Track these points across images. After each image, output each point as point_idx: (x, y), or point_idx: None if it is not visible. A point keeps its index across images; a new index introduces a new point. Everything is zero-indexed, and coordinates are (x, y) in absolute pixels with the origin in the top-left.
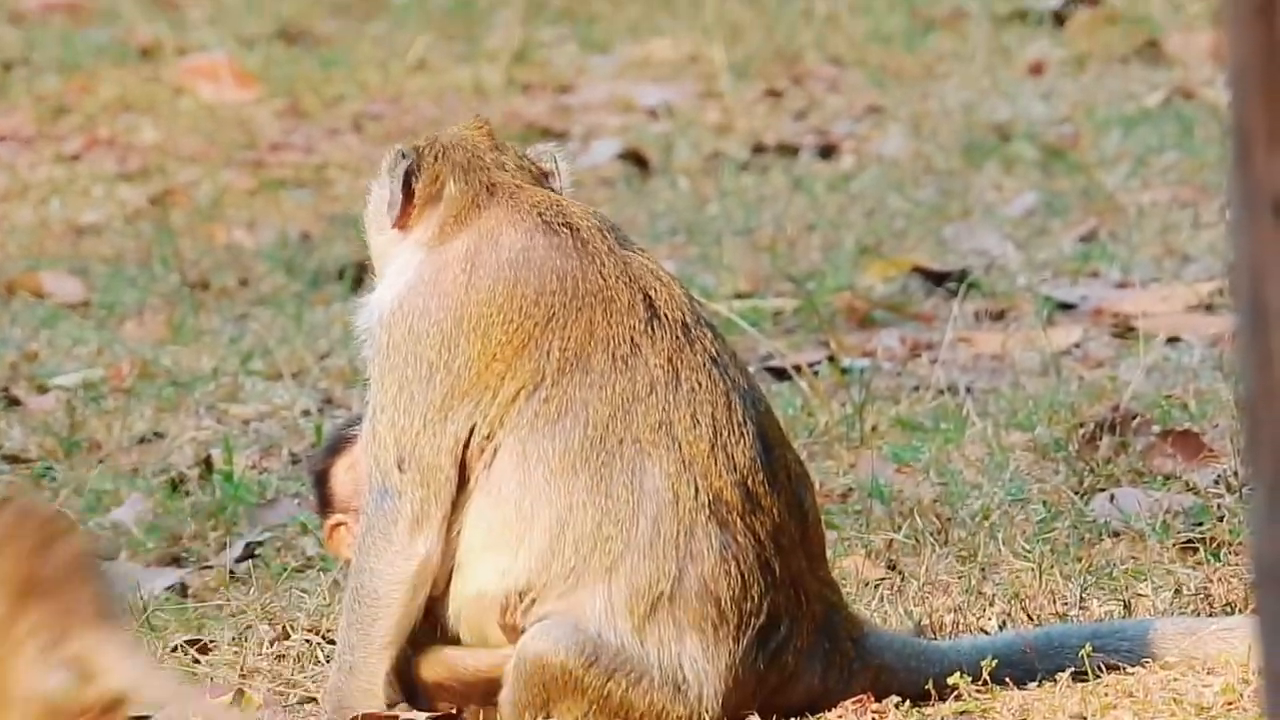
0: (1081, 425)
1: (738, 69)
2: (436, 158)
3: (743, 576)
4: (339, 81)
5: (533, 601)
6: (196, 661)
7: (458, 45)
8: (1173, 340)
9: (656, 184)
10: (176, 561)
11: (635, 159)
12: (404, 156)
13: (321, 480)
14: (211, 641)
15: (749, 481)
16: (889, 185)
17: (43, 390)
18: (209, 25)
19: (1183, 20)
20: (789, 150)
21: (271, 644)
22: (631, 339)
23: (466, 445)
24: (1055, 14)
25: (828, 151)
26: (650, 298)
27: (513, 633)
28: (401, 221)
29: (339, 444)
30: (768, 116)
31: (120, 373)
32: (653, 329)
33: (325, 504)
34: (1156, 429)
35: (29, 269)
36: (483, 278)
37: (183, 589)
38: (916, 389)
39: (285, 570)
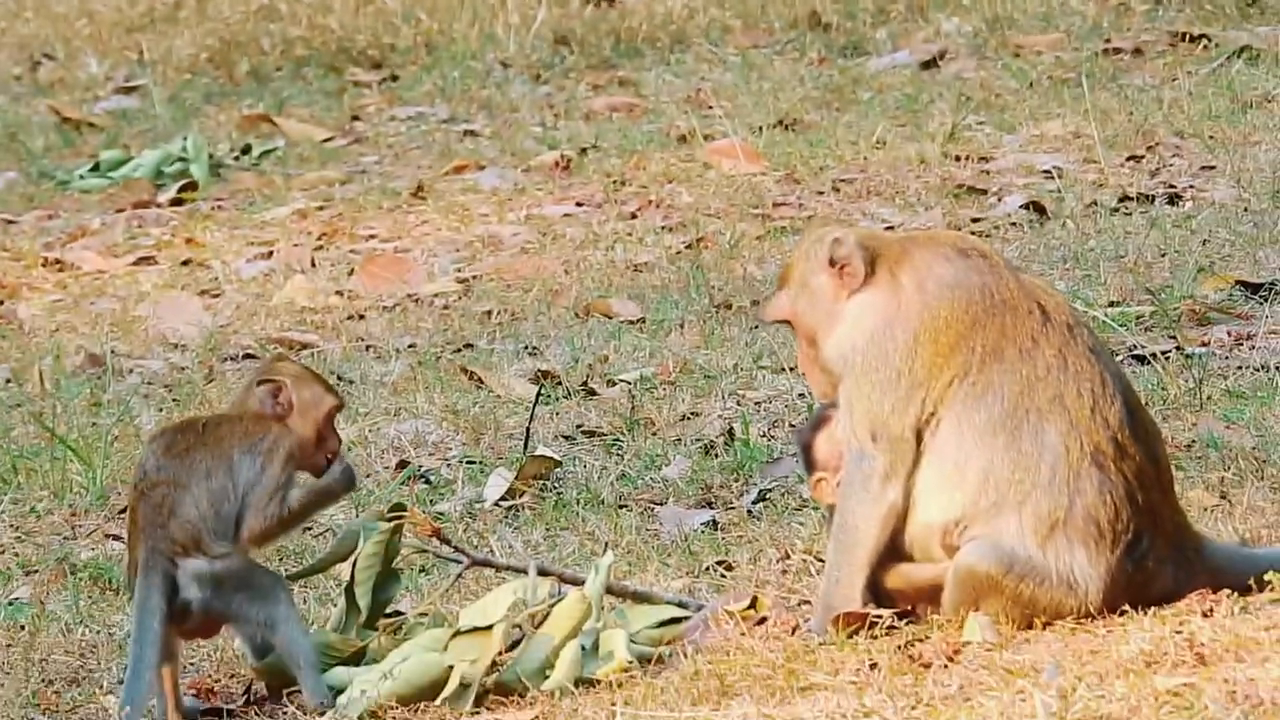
0: None
1: (1108, 141)
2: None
3: (1116, 505)
4: (822, 156)
5: (965, 527)
6: (723, 576)
7: (906, 129)
8: None
9: (1051, 225)
10: (709, 505)
11: (1036, 208)
12: (845, 242)
13: (807, 447)
14: (734, 562)
15: (1119, 437)
16: (1218, 222)
17: (612, 384)
18: (727, 118)
19: None
20: (1146, 199)
21: (777, 563)
22: (1031, 336)
23: (919, 420)
24: None
25: (1174, 199)
26: (1042, 305)
27: (950, 550)
28: (861, 284)
29: (820, 420)
30: (1130, 175)
31: (667, 369)
32: (1046, 328)
33: (810, 464)
34: None
35: (601, 296)
36: (930, 301)
37: (714, 524)
38: (1240, 368)
39: (787, 509)
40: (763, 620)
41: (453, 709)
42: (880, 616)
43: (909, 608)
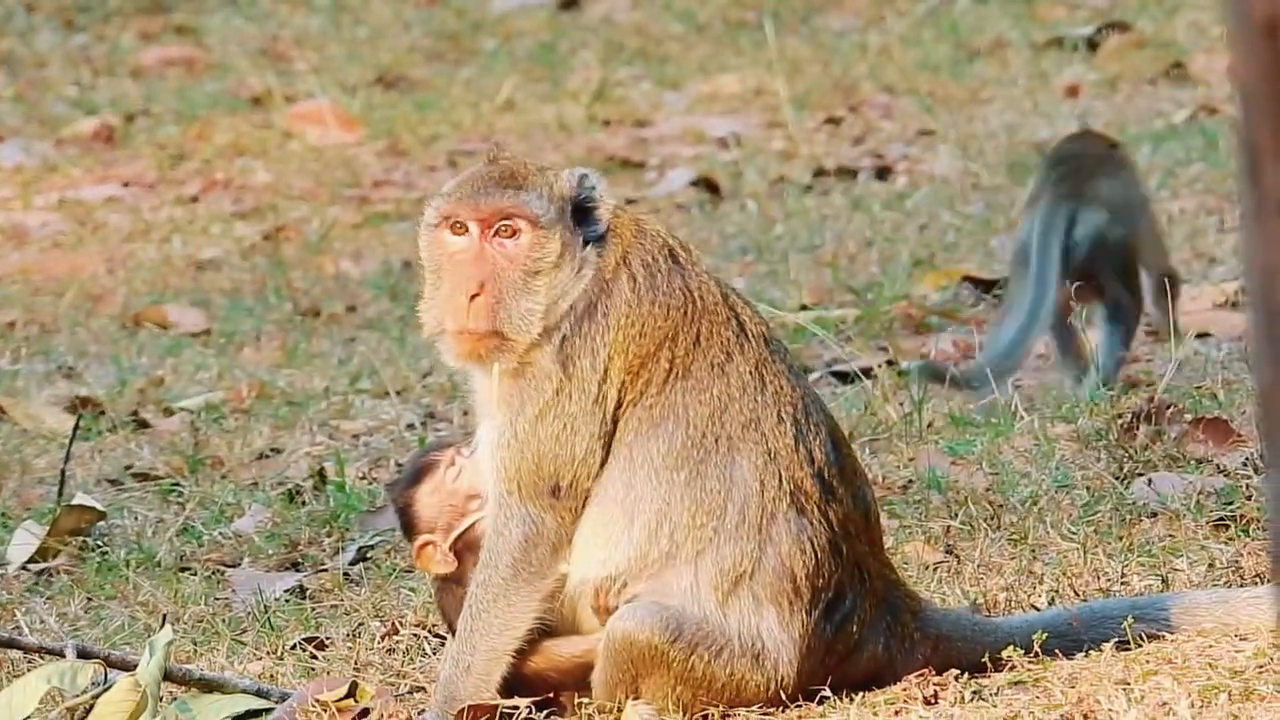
0: (1120, 416)
1: (799, 100)
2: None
3: (816, 556)
4: (434, 122)
5: (624, 584)
6: (314, 657)
7: (542, 86)
8: (1202, 336)
9: (727, 207)
10: (295, 566)
11: (708, 185)
12: (598, 185)
13: (408, 507)
14: (328, 638)
15: (825, 474)
16: (940, 202)
17: (169, 413)
18: (314, 74)
19: (1206, 43)
20: (848, 173)
21: (383, 639)
22: (726, 350)
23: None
24: (1088, 40)
25: (883, 173)
26: (737, 313)
27: (604, 614)
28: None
29: (420, 471)
30: (828, 143)
31: (240, 395)
32: (742, 341)
33: (412, 528)
34: (1189, 417)
35: (154, 302)
36: (636, 303)
37: (301, 591)
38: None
39: (394, 571)
40: (365, 713)
41: None
42: (515, 708)
43: (550, 694)
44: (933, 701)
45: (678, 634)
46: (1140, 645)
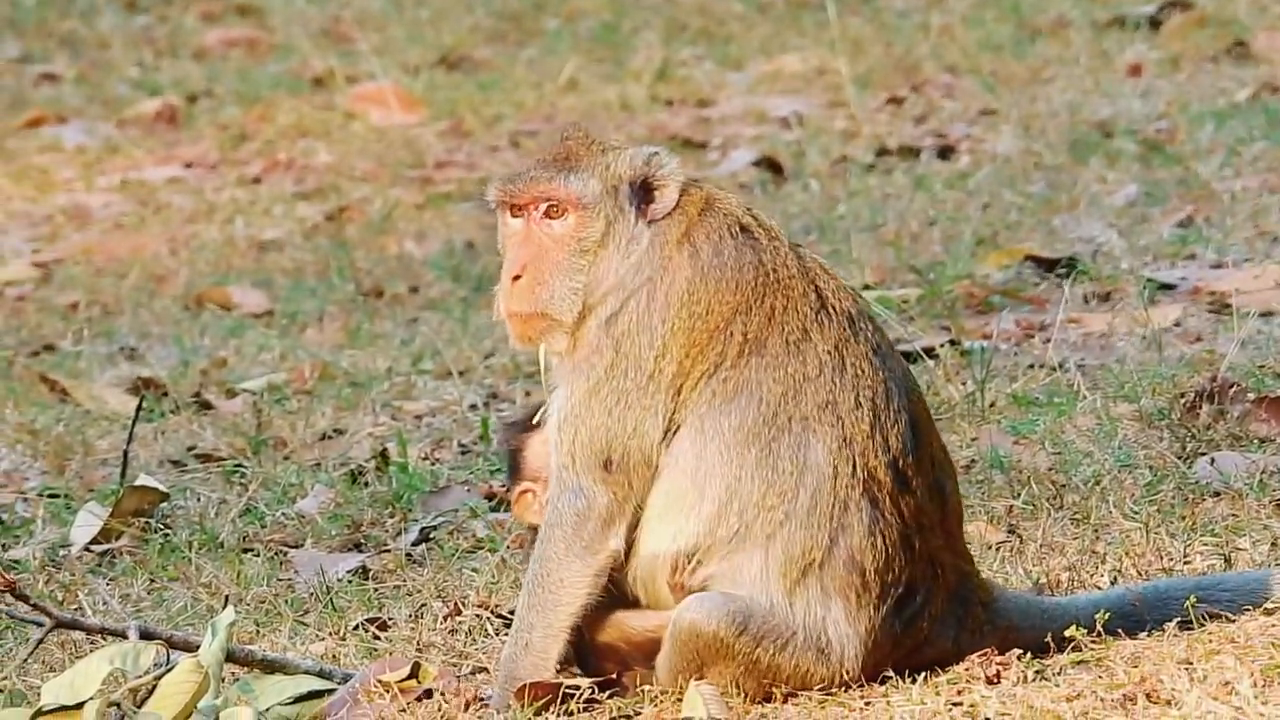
0: (1183, 395)
1: (861, 79)
2: None
3: (887, 550)
4: (497, 102)
5: (699, 563)
6: (377, 638)
7: (605, 66)
8: (1265, 315)
9: (790, 187)
10: (357, 547)
11: (770, 165)
12: (668, 163)
13: (516, 451)
14: (390, 619)
15: (900, 463)
16: (1002, 181)
17: (231, 394)
18: (376, 55)
19: (1268, 21)
20: (910, 152)
21: (445, 619)
22: (803, 326)
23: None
24: (1151, 19)
25: (946, 152)
26: (820, 289)
27: (680, 590)
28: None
29: (536, 419)
30: (890, 122)
31: (302, 375)
32: (822, 318)
33: (516, 473)
34: (1252, 396)
35: (217, 283)
36: (697, 278)
37: (364, 572)
38: (1031, 367)
39: (457, 552)
40: (428, 694)
41: None
42: (576, 688)
43: (615, 674)
44: (995, 681)
45: (744, 627)
46: (1203, 625)
